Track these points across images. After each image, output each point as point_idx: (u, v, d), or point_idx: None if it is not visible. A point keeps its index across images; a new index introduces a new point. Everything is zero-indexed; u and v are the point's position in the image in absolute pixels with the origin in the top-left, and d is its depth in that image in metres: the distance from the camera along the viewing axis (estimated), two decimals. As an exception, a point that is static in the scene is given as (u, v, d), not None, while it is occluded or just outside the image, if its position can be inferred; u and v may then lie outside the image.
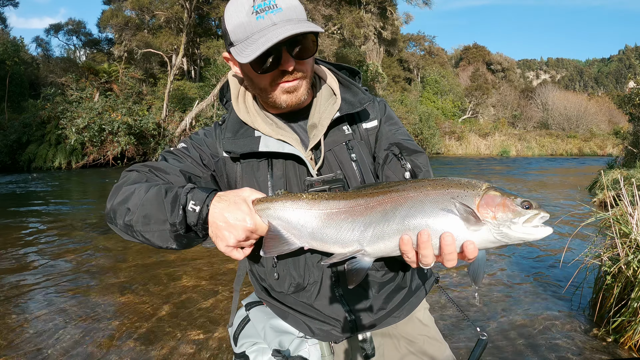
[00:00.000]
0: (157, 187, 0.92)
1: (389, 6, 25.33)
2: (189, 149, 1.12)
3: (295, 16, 0.95)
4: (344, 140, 1.10)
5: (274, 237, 0.89)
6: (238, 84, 1.17)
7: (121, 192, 0.97)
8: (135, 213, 0.91)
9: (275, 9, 0.93)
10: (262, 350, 1.12)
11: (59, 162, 16.61)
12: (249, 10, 0.93)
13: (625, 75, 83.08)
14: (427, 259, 0.80)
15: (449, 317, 3.35)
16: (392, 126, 1.16)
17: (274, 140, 1.06)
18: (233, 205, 0.86)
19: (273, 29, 0.92)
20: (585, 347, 2.90)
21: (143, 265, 4.61)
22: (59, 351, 2.81)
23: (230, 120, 1.12)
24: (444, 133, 32.48)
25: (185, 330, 3.12)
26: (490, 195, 0.79)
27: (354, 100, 1.11)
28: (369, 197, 0.85)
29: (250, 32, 0.94)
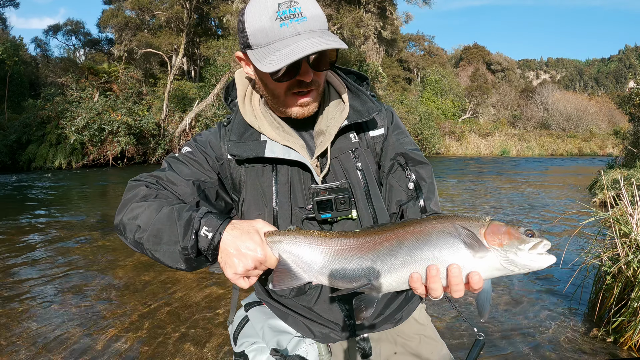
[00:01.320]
0: (169, 208, 0.91)
1: (389, 6, 25.32)
2: (194, 152, 1.10)
3: (318, 26, 0.94)
4: (350, 148, 1.09)
5: (283, 271, 0.89)
6: (245, 84, 1.15)
7: (131, 208, 0.95)
8: (146, 232, 0.91)
9: (300, 18, 0.91)
10: (260, 349, 1.13)
11: (59, 162, 16.61)
12: (273, 16, 0.91)
13: (625, 75, 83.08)
14: (436, 292, 0.81)
15: (447, 318, 3.35)
16: (399, 136, 1.16)
17: (279, 145, 1.05)
18: (246, 234, 0.86)
19: (297, 39, 0.90)
20: (585, 347, 2.90)
21: (142, 265, 4.61)
22: (58, 351, 2.81)
23: (236, 122, 1.11)
24: (444, 133, 32.48)
25: (185, 329, 3.12)
26: (495, 224, 0.81)
27: (362, 109, 1.10)
28: (377, 235, 0.87)
29: (272, 39, 0.92)
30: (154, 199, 0.96)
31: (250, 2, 0.96)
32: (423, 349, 1.25)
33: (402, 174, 1.10)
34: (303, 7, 0.92)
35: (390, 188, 1.11)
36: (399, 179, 1.10)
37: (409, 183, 1.08)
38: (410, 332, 1.27)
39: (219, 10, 23.66)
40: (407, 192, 1.10)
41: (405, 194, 1.10)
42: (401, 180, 1.10)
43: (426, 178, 1.11)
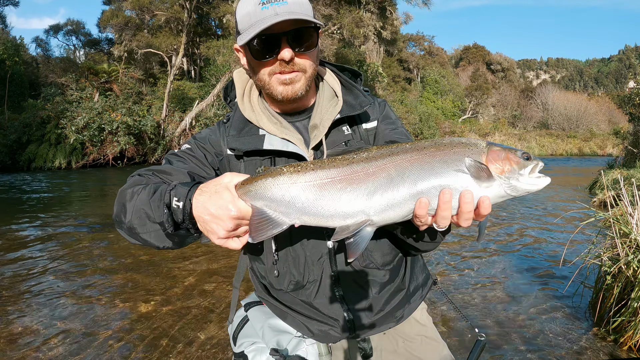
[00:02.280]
0: (148, 186, 0.92)
1: (389, 6, 25.33)
2: (193, 149, 1.13)
3: (299, 10, 0.98)
4: (343, 140, 1.12)
5: (259, 220, 0.82)
6: (243, 82, 1.19)
7: (123, 196, 0.97)
8: (132, 214, 0.91)
9: (281, 2, 0.98)
10: (260, 349, 1.13)
11: (59, 162, 16.61)
12: (257, 1, 0.99)
13: (625, 75, 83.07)
14: (445, 221, 0.79)
15: (448, 318, 3.35)
16: (390, 125, 1.19)
17: (278, 139, 1.08)
18: (215, 195, 0.82)
19: (274, 18, 0.96)
20: (585, 347, 2.90)
21: (142, 264, 4.61)
22: (57, 351, 2.81)
23: (235, 118, 1.14)
24: (444, 133, 32.49)
25: (184, 329, 3.12)
26: (495, 150, 0.79)
27: (355, 103, 1.14)
28: (365, 163, 0.80)
29: (254, 20, 0.99)
30: (143, 185, 0.97)
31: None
32: (424, 350, 1.25)
33: None
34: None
35: None
36: None
37: None
38: (412, 332, 1.26)
39: (219, 10, 23.68)
40: None
41: None
42: None
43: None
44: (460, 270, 4.57)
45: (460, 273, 4.47)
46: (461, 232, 6.39)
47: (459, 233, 6.32)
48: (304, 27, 0.99)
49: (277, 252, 1.09)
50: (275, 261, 1.09)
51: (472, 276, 4.39)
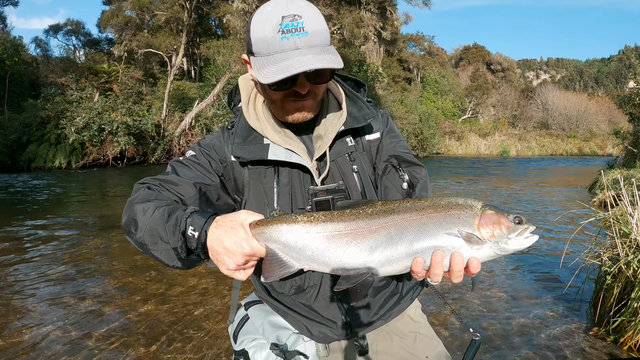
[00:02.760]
0: (162, 208, 0.95)
1: (389, 6, 25.33)
2: (198, 156, 1.14)
3: (319, 42, 0.96)
4: (347, 151, 1.14)
5: (272, 261, 0.89)
6: (249, 89, 1.18)
7: (133, 210, 0.99)
8: (144, 231, 0.94)
9: (301, 32, 0.94)
10: (260, 345, 1.16)
11: (59, 162, 16.60)
12: (276, 27, 0.93)
13: (625, 75, 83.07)
14: (438, 277, 0.86)
15: (443, 319, 3.35)
16: (393, 139, 1.20)
17: (282, 149, 1.09)
18: (230, 230, 0.87)
19: (295, 54, 0.93)
20: (585, 347, 2.90)
21: (141, 265, 4.61)
22: (57, 351, 2.81)
23: (240, 126, 1.14)
24: (444, 133, 32.46)
25: (184, 329, 3.12)
26: (487, 214, 0.85)
27: (359, 115, 1.14)
28: (369, 219, 0.87)
29: (272, 50, 0.95)
30: (153, 199, 0.99)
31: (258, 10, 0.99)
32: (418, 347, 1.27)
33: (396, 175, 1.15)
34: (306, 22, 0.94)
35: (386, 189, 1.15)
36: (393, 179, 1.15)
37: (402, 183, 1.13)
38: (406, 329, 1.29)
39: (219, 10, 23.69)
40: (402, 192, 1.14)
41: (400, 193, 1.14)
42: (395, 181, 1.14)
43: (419, 177, 1.15)
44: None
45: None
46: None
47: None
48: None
49: None
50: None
51: (472, 276, 4.39)
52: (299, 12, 0.94)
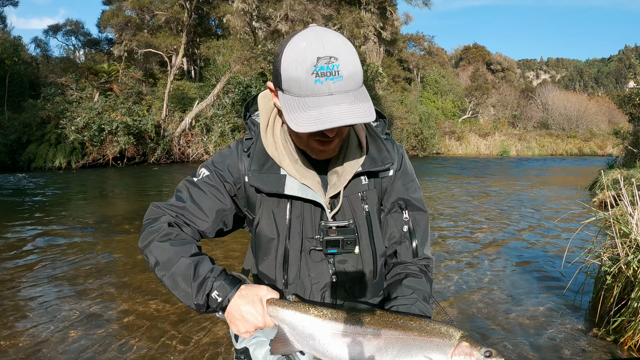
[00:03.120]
0: (188, 261, 1.02)
1: (389, 6, 25.33)
2: (212, 177, 1.15)
3: (352, 86, 0.93)
4: (360, 190, 1.15)
5: (280, 340, 1.02)
6: (268, 111, 1.15)
7: (154, 245, 1.05)
8: (165, 274, 1.03)
9: (336, 77, 0.90)
10: (260, 342, 1.22)
11: (59, 162, 16.58)
12: (310, 69, 0.89)
13: (625, 75, 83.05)
14: None
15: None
16: (405, 181, 1.22)
17: (298, 183, 1.10)
18: (250, 303, 0.98)
19: (329, 101, 0.90)
20: (585, 347, 2.90)
21: (141, 265, 4.61)
22: (57, 351, 2.81)
23: (257, 151, 1.13)
24: (444, 133, 32.44)
25: (185, 328, 3.12)
26: (462, 346, 0.97)
27: (378, 158, 1.15)
28: (366, 327, 1.01)
29: (304, 92, 0.92)
30: (174, 239, 1.06)
31: (292, 44, 0.93)
32: None
33: (400, 216, 1.19)
34: (342, 64, 0.90)
35: (387, 226, 1.20)
36: (396, 220, 1.20)
37: (404, 226, 1.18)
38: None
39: (219, 10, 23.66)
40: (401, 233, 1.19)
41: (399, 234, 1.19)
42: (398, 222, 1.19)
43: (421, 224, 1.21)
44: (459, 270, 4.58)
45: (460, 273, 4.47)
46: (460, 232, 6.40)
47: (458, 233, 6.33)
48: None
49: (287, 284, 1.17)
50: (284, 289, 1.18)
51: (472, 276, 4.39)
52: (335, 53, 0.90)
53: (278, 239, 1.13)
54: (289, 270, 1.15)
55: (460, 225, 6.88)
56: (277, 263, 1.15)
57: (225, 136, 20.57)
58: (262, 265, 1.20)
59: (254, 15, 18.57)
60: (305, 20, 18.00)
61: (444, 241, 5.80)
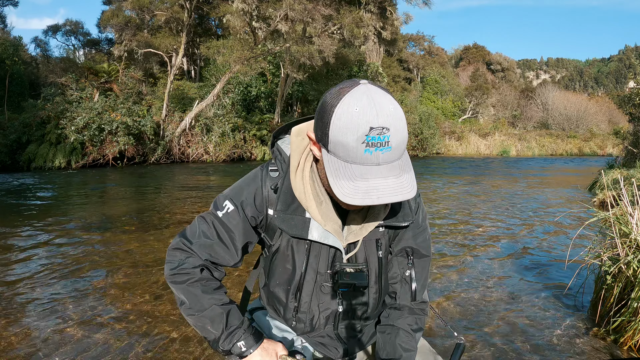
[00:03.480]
0: (220, 311, 1.12)
1: (389, 6, 25.31)
2: (238, 212, 1.16)
3: (398, 155, 0.93)
4: (376, 237, 1.20)
5: None
6: (300, 151, 1.13)
7: (185, 288, 1.13)
8: (194, 314, 1.12)
9: (386, 147, 0.89)
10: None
11: (59, 162, 16.58)
12: (361, 138, 0.88)
13: (625, 75, 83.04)
14: None
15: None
16: (417, 232, 1.26)
17: (321, 229, 1.13)
18: (267, 356, 1.12)
19: (376, 172, 0.91)
20: (585, 347, 2.90)
21: (142, 265, 4.61)
22: (56, 351, 2.81)
23: (284, 191, 1.14)
24: (444, 133, 32.45)
25: (186, 330, 3.12)
26: None
27: (400, 215, 1.19)
28: None
29: (351, 159, 0.91)
30: (206, 285, 1.14)
31: (344, 106, 0.90)
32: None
33: (405, 261, 1.25)
34: (392, 135, 0.89)
35: (391, 266, 1.27)
36: (400, 262, 1.26)
37: (406, 271, 1.25)
38: None
39: (219, 10, 23.63)
40: (403, 277, 1.26)
41: (400, 276, 1.26)
42: (402, 265, 1.26)
43: (423, 270, 1.28)
44: (459, 269, 4.57)
45: (460, 272, 4.47)
46: (459, 231, 6.40)
47: (458, 233, 6.32)
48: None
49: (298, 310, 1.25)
50: (294, 315, 1.27)
51: (472, 276, 4.39)
52: (387, 123, 0.88)
53: (294, 272, 1.19)
54: (301, 299, 1.22)
55: (459, 225, 6.88)
56: (290, 292, 1.23)
57: (225, 136, 20.57)
58: (274, 287, 1.27)
59: (254, 15, 18.56)
60: (305, 20, 17.99)
61: (444, 241, 5.80)
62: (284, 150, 1.18)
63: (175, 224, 6.64)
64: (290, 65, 20.38)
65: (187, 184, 11.98)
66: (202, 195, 9.85)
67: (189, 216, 7.30)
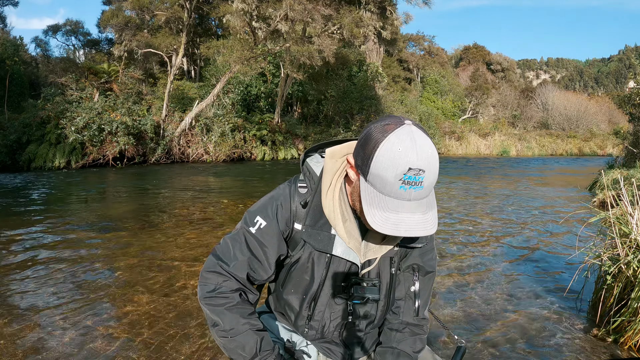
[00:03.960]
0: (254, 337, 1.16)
1: (389, 6, 25.30)
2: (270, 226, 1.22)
3: (426, 194, 1.02)
4: (390, 255, 1.27)
5: None
6: (333, 171, 1.21)
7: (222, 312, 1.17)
8: (227, 337, 1.16)
9: (419, 187, 0.99)
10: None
11: (59, 162, 16.57)
12: (399, 175, 0.97)
13: (625, 75, 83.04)
14: None
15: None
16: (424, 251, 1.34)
17: (344, 245, 1.21)
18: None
19: (406, 207, 1.00)
20: (585, 347, 2.90)
21: (142, 266, 4.61)
22: (57, 353, 2.81)
23: (313, 207, 1.21)
24: (444, 133, 32.45)
25: (187, 329, 3.12)
26: None
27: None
28: None
29: (387, 192, 1.00)
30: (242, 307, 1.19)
31: (389, 143, 0.98)
32: None
33: (411, 277, 1.32)
34: (426, 177, 0.98)
35: (398, 282, 1.34)
36: (406, 279, 1.33)
37: (411, 286, 1.32)
38: None
39: (219, 10, 23.62)
40: (408, 292, 1.33)
41: (405, 292, 1.33)
42: (407, 282, 1.33)
43: (427, 288, 1.36)
44: (459, 269, 4.58)
45: (459, 272, 4.47)
46: (459, 231, 6.39)
47: (458, 233, 6.32)
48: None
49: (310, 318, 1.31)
50: (307, 322, 1.32)
51: (471, 276, 4.39)
52: (425, 166, 0.97)
53: (311, 283, 1.25)
54: (315, 309, 1.28)
55: (459, 225, 6.88)
56: (305, 301, 1.28)
57: (225, 136, 20.56)
58: (288, 295, 1.31)
59: (254, 15, 18.55)
60: (305, 20, 17.99)
61: (444, 241, 5.80)
62: (313, 169, 1.25)
63: (175, 224, 6.64)
64: (290, 65, 20.38)
65: (188, 184, 11.98)
66: (203, 195, 9.85)
67: (190, 216, 7.30)
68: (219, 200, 9.04)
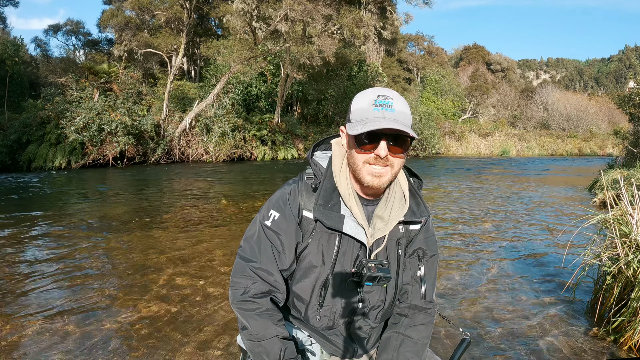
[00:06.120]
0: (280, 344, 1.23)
1: (389, 6, 25.29)
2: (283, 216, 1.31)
3: (402, 120, 1.20)
4: (397, 237, 1.35)
5: None
6: (342, 156, 1.35)
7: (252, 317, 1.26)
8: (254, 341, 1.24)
9: (390, 109, 1.19)
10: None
11: (59, 162, 16.57)
12: (371, 102, 1.20)
13: (625, 75, 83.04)
14: None
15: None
16: (427, 235, 1.43)
17: (354, 224, 1.28)
18: None
19: (382, 121, 1.17)
20: (585, 347, 2.90)
21: (143, 266, 4.61)
22: (57, 352, 2.81)
23: (324, 189, 1.31)
24: (444, 133, 32.44)
25: (186, 329, 3.13)
26: None
27: (417, 211, 1.36)
28: None
29: (365, 116, 1.20)
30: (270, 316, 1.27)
31: (362, 91, 1.26)
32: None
33: (416, 262, 1.39)
34: (395, 103, 1.20)
35: (404, 268, 1.39)
36: (412, 264, 1.39)
37: (417, 271, 1.39)
38: None
39: (219, 10, 23.62)
40: (414, 277, 1.40)
41: (411, 276, 1.40)
42: (413, 266, 1.39)
43: (432, 271, 1.42)
44: (459, 269, 4.58)
45: (460, 272, 4.48)
46: (459, 231, 6.40)
47: (458, 233, 6.33)
48: (401, 134, 1.20)
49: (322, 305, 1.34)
50: (318, 310, 1.35)
51: (472, 276, 4.39)
52: (392, 95, 1.21)
53: (322, 268, 1.31)
54: (326, 296, 1.32)
55: (459, 225, 6.88)
56: (316, 288, 1.32)
57: (225, 136, 20.56)
58: (298, 285, 1.35)
59: (254, 16, 18.54)
60: (305, 20, 17.99)
61: (444, 241, 5.80)
62: (319, 162, 1.37)
63: (175, 224, 6.64)
64: (290, 65, 20.37)
65: (188, 184, 11.98)
66: (203, 195, 9.85)
67: (190, 216, 7.30)
68: (219, 200, 9.04)
